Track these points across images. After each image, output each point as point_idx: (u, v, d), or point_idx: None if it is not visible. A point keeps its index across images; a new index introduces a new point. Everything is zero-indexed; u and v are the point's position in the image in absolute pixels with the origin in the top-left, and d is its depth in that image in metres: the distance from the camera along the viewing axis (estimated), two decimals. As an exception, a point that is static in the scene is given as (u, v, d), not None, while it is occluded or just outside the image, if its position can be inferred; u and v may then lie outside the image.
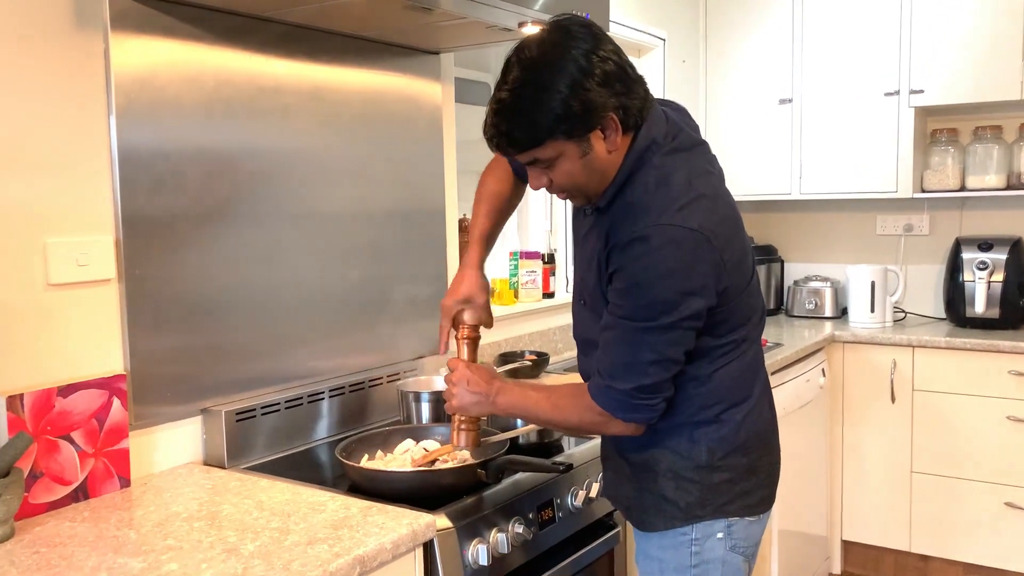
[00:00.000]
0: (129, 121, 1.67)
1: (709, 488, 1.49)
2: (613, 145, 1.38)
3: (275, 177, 1.96)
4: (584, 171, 1.39)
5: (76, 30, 1.60)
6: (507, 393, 1.54)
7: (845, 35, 3.60)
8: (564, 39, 1.32)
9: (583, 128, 1.33)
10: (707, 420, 1.48)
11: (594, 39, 1.33)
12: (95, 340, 1.65)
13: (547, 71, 1.31)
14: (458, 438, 1.63)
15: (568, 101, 1.30)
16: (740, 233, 1.46)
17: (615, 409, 1.42)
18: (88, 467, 1.59)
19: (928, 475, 3.35)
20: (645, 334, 1.37)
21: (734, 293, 1.43)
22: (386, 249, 2.26)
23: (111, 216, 1.66)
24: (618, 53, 1.36)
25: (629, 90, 1.35)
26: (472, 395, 1.55)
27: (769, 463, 1.57)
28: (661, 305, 1.35)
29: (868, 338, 3.44)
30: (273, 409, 1.93)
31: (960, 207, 3.73)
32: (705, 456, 1.49)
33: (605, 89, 1.32)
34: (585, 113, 1.32)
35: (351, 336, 2.17)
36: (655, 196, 1.37)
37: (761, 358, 1.59)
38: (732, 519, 1.51)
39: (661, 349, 1.38)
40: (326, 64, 2.06)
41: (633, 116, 1.37)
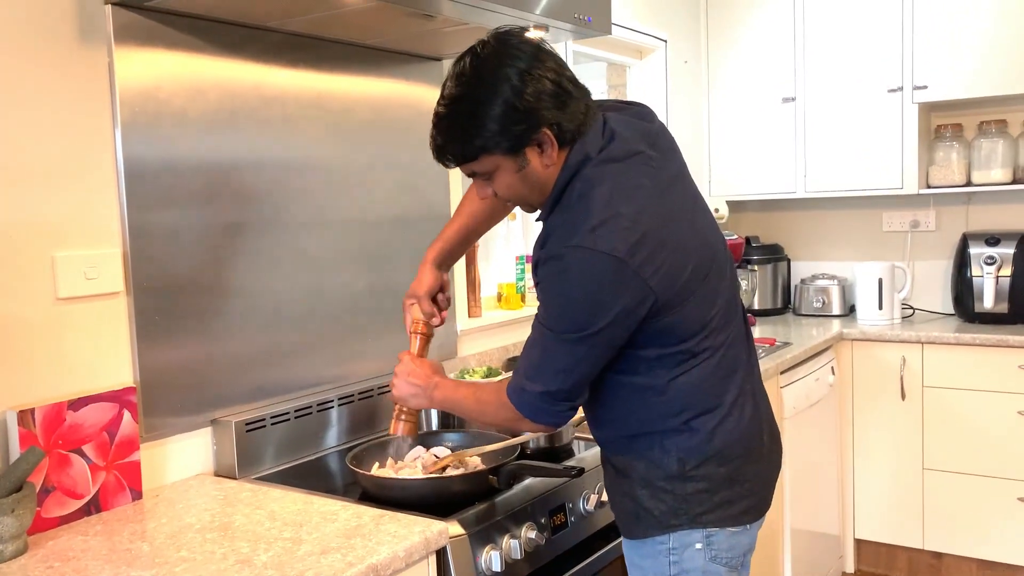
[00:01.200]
0: (134, 133, 1.68)
1: (682, 498, 1.46)
2: (550, 160, 1.39)
3: (280, 186, 1.96)
4: (522, 184, 1.41)
5: (80, 44, 1.61)
6: (442, 388, 1.60)
7: (847, 32, 3.59)
8: (502, 55, 1.34)
9: (517, 144, 1.35)
10: (675, 429, 1.45)
11: (532, 56, 1.34)
12: (105, 353, 1.65)
13: (481, 88, 1.33)
14: (395, 426, 1.69)
15: (501, 119, 1.32)
16: (673, 246, 1.38)
17: (524, 408, 1.45)
18: (100, 480, 1.60)
19: (940, 472, 3.33)
20: (557, 343, 1.39)
21: (672, 304, 1.39)
22: (392, 255, 2.26)
23: (118, 229, 1.67)
24: (557, 70, 1.36)
25: (565, 106, 1.36)
26: (411, 387, 1.62)
27: (755, 472, 1.51)
28: (571, 322, 1.37)
29: (877, 335, 3.43)
30: (283, 418, 1.93)
31: (966, 202, 3.72)
32: (676, 465, 1.46)
33: (539, 107, 1.33)
34: (518, 130, 1.34)
35: (359, 343, 2.17)
36: (575, 213, 1.37)
37: (739, 364, 1.51)
38: (711, 529, 1.47)
39: (571, 361, 1.40)
40: (329, 72, 2.06)
41: (570, 132, 1.38)
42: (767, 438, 1.56)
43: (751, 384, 1.54)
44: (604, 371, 1.46)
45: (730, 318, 1.51)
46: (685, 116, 3.79)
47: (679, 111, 3.73)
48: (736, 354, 1.51)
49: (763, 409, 1.57)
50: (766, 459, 1.55)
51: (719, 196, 3.90)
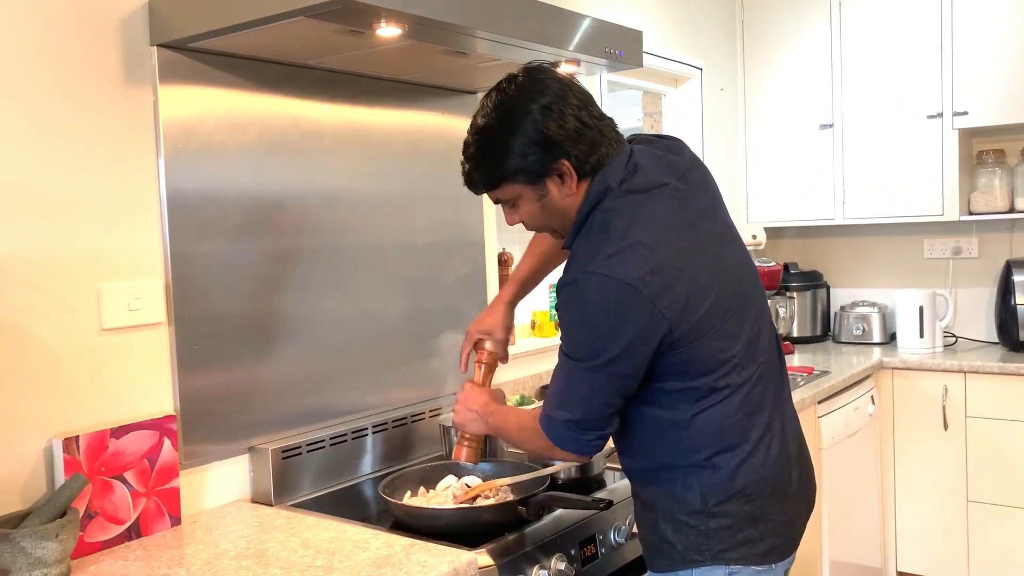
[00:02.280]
0: (177, 168, 1.73)
1: (705, 533, 1.46)
2: (569, 191, 1.43)
3: (318, 217, 2.01)
4: (543, 213, 1.47)
5: (126, 83, 1.67)
6: (495, 415, 1.63)
7: (885, 58, 3.57)
8: (527, 89, 1.41)
9: (537, 175, 1.41)
10: (698, 464, 1.45)
11: (556, 91, 1.40)
12: (146, 382, 1.70)
13: (506, 120, 1.40)
14: (458, 452, 1.71)
15: (521, 150, 1.39)
16: (690, 279, 1.39)
17: (554, 438, 1.47)
18: (140, 506, 1.64)
19: (985, 504, 3.26)
20: (576, 371, 1.42)
21: (688, 338, 1.39)
22: (427, 283, 2.29)
23: (161, 261, 1.72)
24: (580, 105, 1.42)
25: (585, 140, 1.41)
26: (470, 413, 1.66)
27: (782, 511, 1.49)
28: (586, 348, 1.40)
29: (918, 364, 3.37)
30: (319, 446, 1.96)
31: (1010, 229, 3.66)
32: (699, 501, 1.45)
33: (559, 140, 1.39)
34: (537, 161, 1.40)
35: (393, 370, 2.20)
36: (594, 242, 1.41)
37: (763, 402, 1.49)
38: (734, 567, 1.46)
39: (590, 390, 1.42)
40: (366, 106, 2.11)
41: (589, 164, 1.42)
42: (796, 476, 1.54)
43: (780, 421, 1.53)
44: (631, 402, 1.47)
45: (754, 355, 1.49)
46: (721, 143, 3.79)
47: (715, 138, 3.73)
48: (763, 391, 1.50)
49: (793, 447, 1.55)
50: (794, 498, 1.53)
51: (756, 223, 3.88)
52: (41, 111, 1.55)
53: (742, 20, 3.91)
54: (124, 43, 1.67)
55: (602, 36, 1.98)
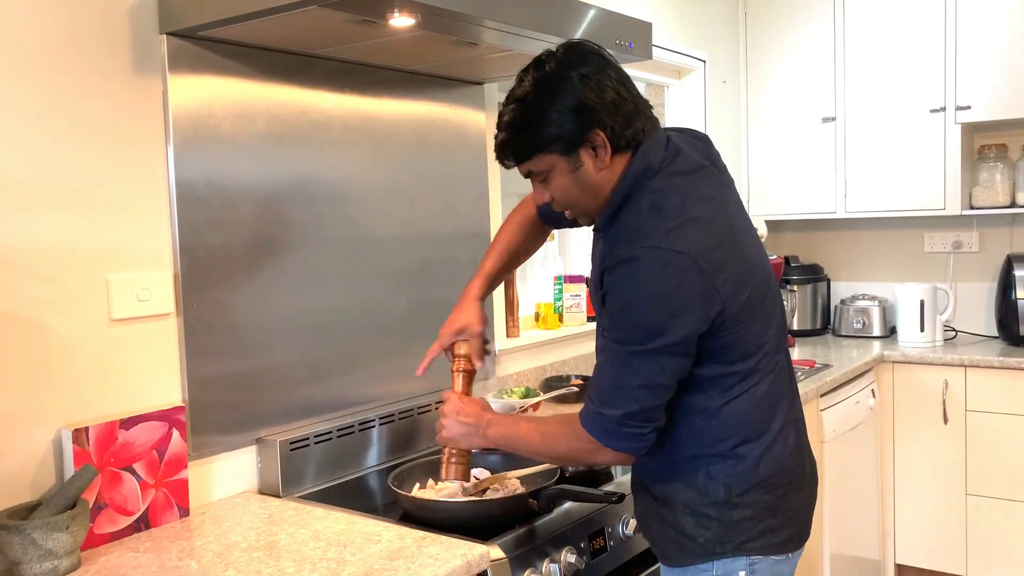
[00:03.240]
0: (186, 158, 1.72)
1: (728, 525, 1.45)
2: (603, 163, 1.41)
3: (326, 207, 2.00)
4: (576, 187, 1.43)
5: (135, 72, 1.66)
6: (497, 425, 1.55)
7: (888, 52, 3.57)
8: (567, 61, 1.39)
9: (571, 144, 1.39)
10: (721, 454, 1.45)
11: (596, 63, 1.39)
12: (155, 373, 1.69)
13: (543, 88, 1.38)
14: (447, 471, 1.63)
15: (557, 117, 1.37)
16: (741, 258, 1.40)
17: (603, 436, 1.40)
18: (149, 497, 1.63)
19: (984, 497, 3.27)
20: (633, 358, 1.36)
21: (736, 320, 1.39)
22: (433, 274, 2.29)
23: (170, 251, 1.71)
24: (621, 81, 1.41)
25: (621, 113, 1.39)
26: (462, 426, 1.57)
27: (798, 501, 1.51)
28: (648, 328, 1.34)
29: (918, 358, 3.38)
30: (326, 438, 1.95)
31: (1011, 223, 3.67)
32: (722, 492, 1.45)
33: (595, 109, 1.37)
34: (573, 131, 1.37)
35: (400, 361, 2.19)
36: (647, 219, 1.38)
37: (784, 391, 1.52)
38: (755, 557, 1.46)
39: (649, 374, 1.36)
40: (374, 97, 2.10)
41: (624, 138, 1.40)
42: (808, 467, 1.55)
43: (794, 412, 1.54)
44: None
45: (781, 342, 1.51)
46: (724, 135, 3.79)
47: (718, 131, 3.73)
48: (784, 380, 1.52)
49: (804, 438, 1.57)
50: (807, 488, 1.55)
51: (758, 215, 3.88)
52: (50, 101, 1.54)
53: (745, 12, 3.90)
54: (134, 32, 1.65)
55: (612, 27, 1.97)
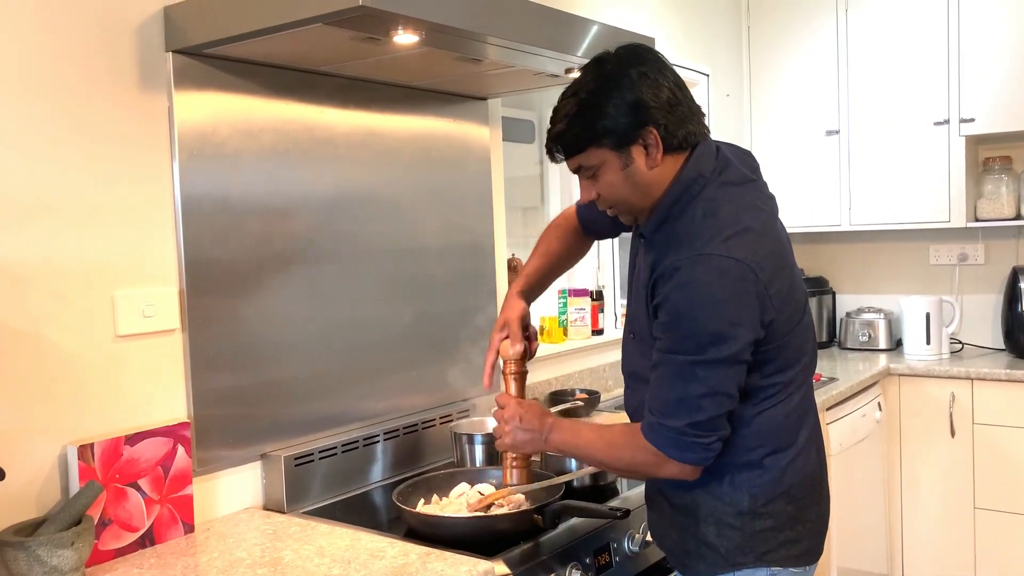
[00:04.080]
0: (192, 175, 1.73)
1: (751, 535, 1.46)
2: (654, 161, 1.41)
3: (331, 223, 2.00)
4: (626, 184, 1.43)
5: (141, 89, 1.67)
6: (560, 431, 1.54)
7: (891, 65, 3.57)
8: (626, 58, 1.41)
9: (624, 139, 1.39)
10: (749, 464, 1.46)
11: (655, 65, 1.41)
12: (160, 388, 1.70)
13: (601, 82, 1.40)
14: (510, 475, 1.63)
15: (613, 110, 1.38)
16: (788, 270, 1.44)
17: (668, 448, 1.39)
18: (154, 513, 1.63)
19: (992, 511, 3.25)
20: (695, 368, 1.36)
21: (782, 331, 1.41)
22: (437, 289, 2.29)
23: (175, 267, 1.72)
24: (678, 84, 1.43)
25: (675, 113, 1.41)
26: (525, 433, 1.55)
27: (817, 513, 1.53)
28: (707, 336, 1.34)
29: (925, 371, 3.37)
30: (330, 453, 1.95)
31: (1016, 236, 3.66)
32: (747, 502, 1.46)
33: (650, 106, 1.38)
34: (627, 124, 1.38)
35: (404, 376, 2.19)
36: (702, 226, 1.39)
37: (810, 404, 1.54)
38: (775, 569, 1.47)
39: (712, 383, 1.36)
40: (379, 112, 2.11)
41: (676, 138, 1.41)
42: (825, 479, 1.58)
43: (816, 425, 1.56)
44: None
45: (815, 357, 1.55)
46: (727, 149, 3.79)
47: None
48: (811, 394, 1.55)
49: (823, 451, 1.59)
50: (824, 500, 1.57)
51: (762, 228, 3.87)
52: (56, 117, 1.55)
53: (748, 26, 3.92)
54: (140, 49, 1.66)
55: (616, 42, 1.95)
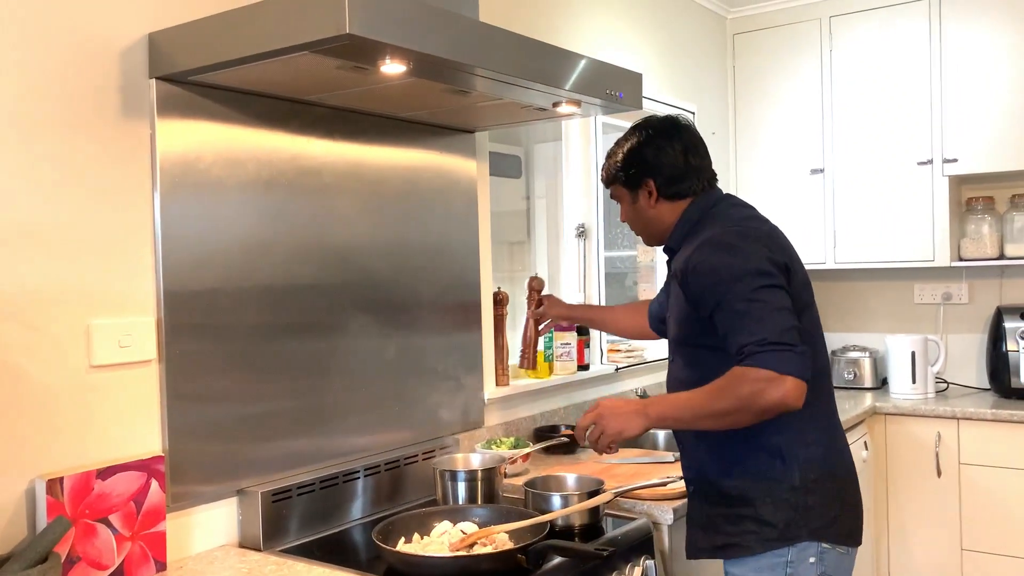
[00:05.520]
0: (173, 203, 1.70)
1: (804, 509, 1.64)
2: (652, 204, 1.86)
3: (315, 254, 1.98)
4: (634, 215, 1.91)
5: (123, 116, 1.64)
6: (657, 402, 1.67)
7: (875, 104, 3.61)
8: (656, 125, 1.87)
9: (630, 183, 1.87)
10: (802, 442, 1.66)
11: (672, 134, 1.84)
12: (135, 421, 1.65)
13: (626, 140, 1.89)
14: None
15: (623, 160, 1.88)
16: (793, 255, 1.74)
17: (777, 364, 1.50)
18: (125, 551, 1.58)
19: (980, 553, 3.22)
20: (755, 294, 1.57)
21: (800, 306, 1.65)
22: (422, 322, 2.26)
23: (153, 297, 1.68)
24: (686, 151, 1.83)
25: (672, 172, 1.83)
26: (624, 417, 1.66)
27: (856, 497, 1.74)
28: (744, 271, 1.60)
29: (911, 410, 3.36)
30: (308, 489, 1.90)
31: (1000, 275, 3.68)
32: (798, 477, 1.65)
33: (649, 164, 1.84)
34: (631, 173, 1.86)
35: (387, 410, 2.15)
36: (717, 223, 1.75)
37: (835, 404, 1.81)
38: (824, 545, 1.65)
39: (773, 300, 1.57)
40: (365, 144, 2.10)
41: (672, 189, 1.84)
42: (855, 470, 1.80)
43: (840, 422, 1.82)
44: None
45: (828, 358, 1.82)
46: (713, 186, 3.80)
47: (707, 181, 3.74)
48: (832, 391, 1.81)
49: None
50: (859, 489, 1.78)
51: (747, 266, 3.88)
52: (35, 142, 1.52)
53: (733, 66, 3.96)
54: (123, 75, 1.64)
55: (604, 77, 1.97)
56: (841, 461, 1.73)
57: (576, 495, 1.89)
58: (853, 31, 3.65)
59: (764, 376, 1.50)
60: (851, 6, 3.65)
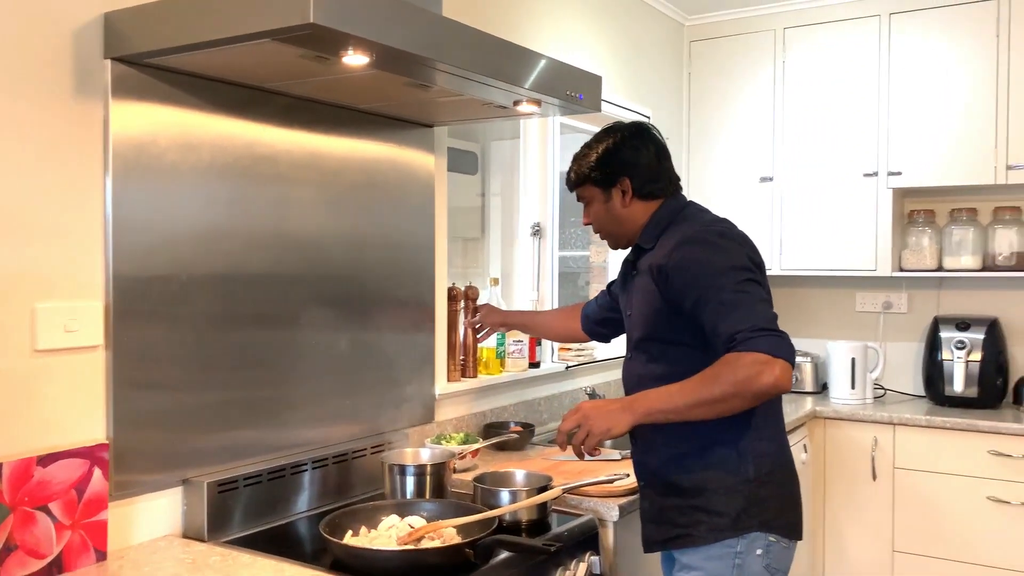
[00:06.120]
0: (125, 187, 1.67)
1: (757, 501, 1.71)
2: (625, 203, 1.89)
3: (269, 243, 1.96)
4: (606, 215, 1.93)
5: (76, 96, 1.61)
6: (643, 398, 1.68)
7: (825, 116, 3.69)
8: (629, 129, 1.93)
9: (605, 182, 1.90)
10: (754, 437, 1.73)
11: (645, 138, 1.92)
12: (79, 407, 1.62)
13: (600, 140, 1.92)
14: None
15: (599, 160, 1.90)
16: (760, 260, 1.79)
17: (770, 348, 1.56)
18: (64, 539, 1.55)
19: (910, 555, 3.33)
20: (741, 284, 1.65)
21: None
22: (376, 316, 2.25)
23: (102, 281, 1.65)
24: (659, 156, 1.92)
25: (647, 172, 1.89)
26: (609, 415, 1.68)
27: (799, 494, 1.82)
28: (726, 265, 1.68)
29: (849, 415, 3.45)
30: (255, 480, 1.89)
31: (938, 286, 3.80)
32: (752, 470, 1.72)
33: (626, 163, 1.88)
34: (607, 172, 1.89)
35: (337, 403, 2.14)
36: (691, 223, 1.82)
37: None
38: (771, 539, 1.71)
39: (755, 292, 1.66)
40: (323, 133, 2.08)
41: (643, 191, 1.89)
42: None
43: None
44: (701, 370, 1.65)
45: None
46: (666, 190, 3.84)
47: (660, 185, 3.78)
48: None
49: None
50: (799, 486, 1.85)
51: (697, 269, 3.93)
52: (-16, 119, 1.48)
53: (689, 72, 4.01)
54: (76, 54, 1.61)
55: (564, 78, 1.99)
56: (789, 459, 1.82)
57: (524, 491, 1.91)
58: (806, 43, 3.74)
59: (760, 359, 1.55)
60: (805, 19, 3.73)
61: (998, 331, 3.51)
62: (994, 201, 3.61)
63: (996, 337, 3.48)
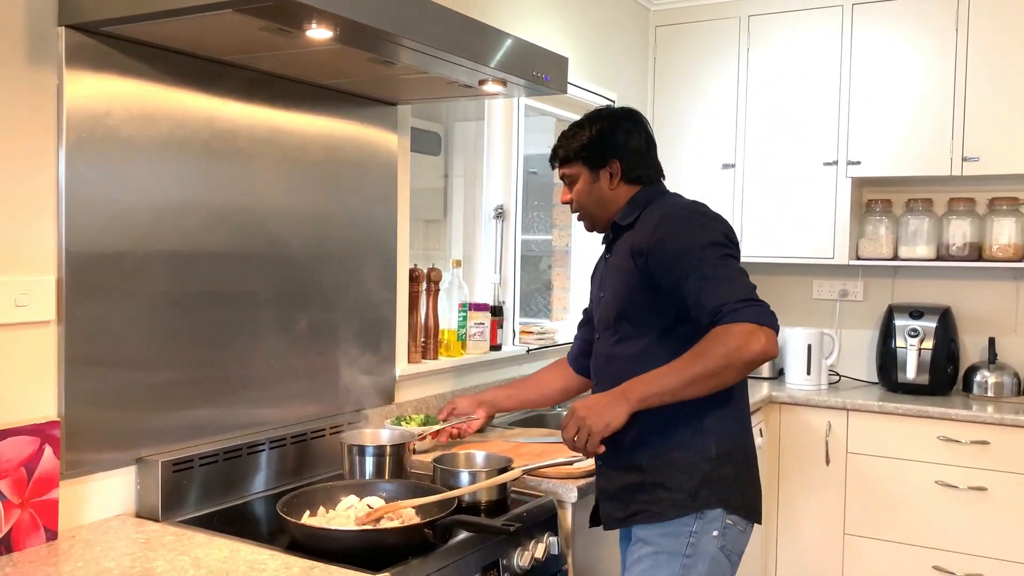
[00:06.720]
0: (79, 159, 1.63)
1: (718, 479, 1.73)
2: (613, 185, 1.92)
3: (227, 219, 1.92)
4: (591, 195, 1.94)
5: (28, 64, 1.56)
6: (634, 385, 1.68)
7: (787, 104, 3.73)
8: (620, 113, 1.97)
9: (595, 162, 1.92)
10: (717, 415, 1.75)
11: (636, 124, 1.95)
12: (29, 384, 1.58)
13: (594, 121, 1.94)
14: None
15: (592, 139, 1.91)
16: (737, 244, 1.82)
17: (758, 317, 1.60)
18: (13, 518, 1.51)
19: (860, 537, 3.40)
20: (723, 260, 1.69)
21: None
22: (336, 295, 2.23)
23: (54, 255, 1.61)
24: (648, 143, 1.96)
25: (636, 156, 1.92)
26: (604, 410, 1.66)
27: (756, 476, 1.84)
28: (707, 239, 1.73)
29: (804, 400, 3.51)
30: (211, 460, 1.86)
31: (893, 275, 3.87)
32: (713, 448, 1.74)
33: (618, 145, 1.91)
34: (599, 152, 1.91)
35: (296, 384, 2.12)
36: (669, 203, 1.88)
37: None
38: (729, 521, 1.73)
39: (738, 267, 1.71)
40: (284, 110, 2.05)
41: (632, 174, 1.92)
42: None
43: None
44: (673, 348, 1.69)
45: None
46: (629, 175, 3.86)
47: (624, 169, 3.79)
48: None
49: None
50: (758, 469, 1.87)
51: (658, 255, 3.96)
52: (-70, 85, 1.43)
53: (654, 57, 4.02)
54: (29, 21, 1.56)
55: (530, 58, 1.98)
56: (749, 438, 1.84)
57: (484, 472, 1.91)
58: (771, 31, 3.76)
59: (747, 329, 1.59)
60: (770, 7, 3.76)
61: (950, 320, 3.59)
62: (949, 192, 3.68)
63: (948, 326, 3.56)
